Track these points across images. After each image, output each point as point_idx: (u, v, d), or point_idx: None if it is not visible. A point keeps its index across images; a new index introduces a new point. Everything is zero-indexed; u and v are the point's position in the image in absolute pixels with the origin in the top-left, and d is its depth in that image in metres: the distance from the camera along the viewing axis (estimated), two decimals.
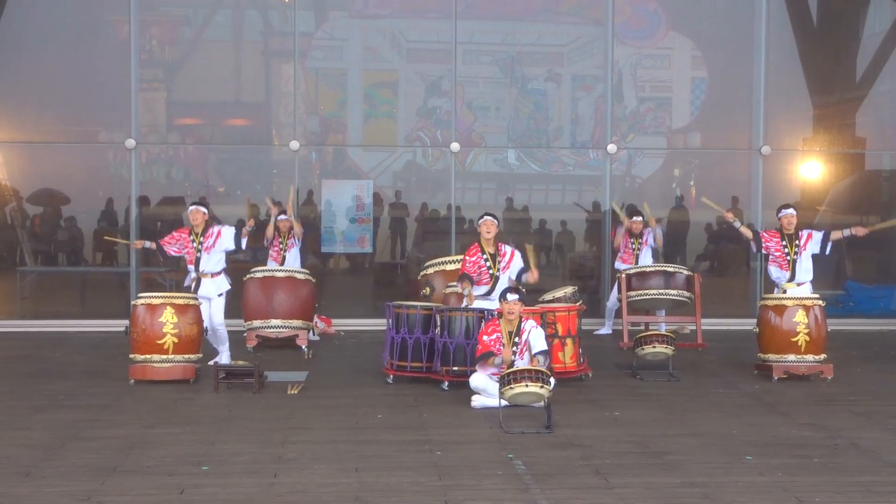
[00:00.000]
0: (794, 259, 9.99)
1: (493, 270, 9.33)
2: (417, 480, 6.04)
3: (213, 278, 9.88)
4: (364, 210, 14.35)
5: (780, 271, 10.09)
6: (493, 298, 9.25)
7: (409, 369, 9.17)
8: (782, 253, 10.04)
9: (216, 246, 9.86)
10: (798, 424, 7.69)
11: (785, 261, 10.03)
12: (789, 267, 10.01)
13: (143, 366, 9.07)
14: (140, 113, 13.98)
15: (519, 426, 7.42)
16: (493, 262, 9.35)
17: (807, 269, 10.07)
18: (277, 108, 15.32)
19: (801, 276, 10.03)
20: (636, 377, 9.55)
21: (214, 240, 9.85)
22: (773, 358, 9.52)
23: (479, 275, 9.35)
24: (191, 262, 9.89)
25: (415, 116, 15.12)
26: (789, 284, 10.01)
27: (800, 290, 9.97)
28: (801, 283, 10.03)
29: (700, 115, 15.67)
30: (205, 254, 9.84)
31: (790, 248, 10.01)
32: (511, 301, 8.24)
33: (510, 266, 9.39)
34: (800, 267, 10.01)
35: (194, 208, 10.02)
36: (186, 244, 9.92)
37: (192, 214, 9.96)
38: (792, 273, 10.01)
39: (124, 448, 6.76)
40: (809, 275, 10.09)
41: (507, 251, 9.45)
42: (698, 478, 6.16)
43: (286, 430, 7.31)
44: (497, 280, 9.33)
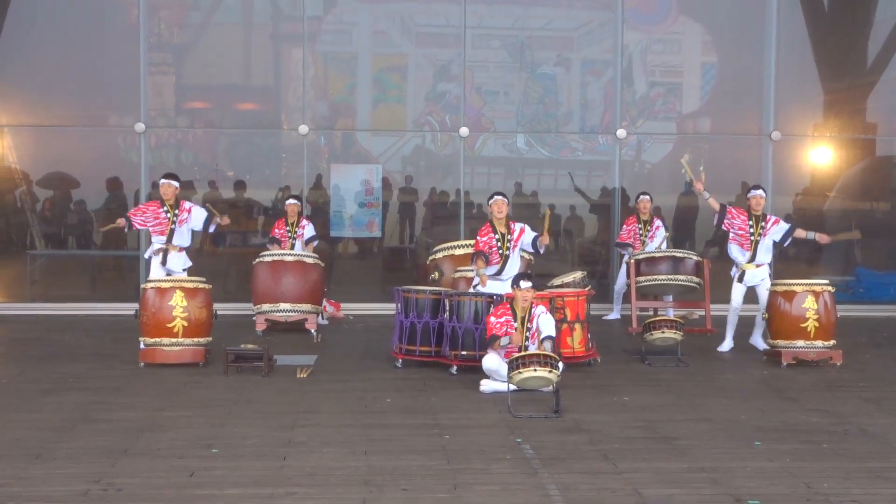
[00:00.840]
0: (757, 241, 10.15)
1: (503, 250, 9.44)
2: (426, 464, 6.06)
3: (180, 252, 10.25)
4: (373, 194, 14.34)
5: (740, 250, 10.28)
6: (504, 278, 9.34)
7: (417, 353, 9.18)
8: (746, 233, 10.18)
9: (189, 221, 10.22)
10: (807, 410, 7.68)
11: (748, 241, 10.19)
12: (751, 247, 10.19)
13: (152, 349, 9.09)
14: (149, 97, 13.98)
15: (527, 411, 7.43)
16: (504, 241, 9.44)
17: (766, 251, 10.24)
18: (286, 92, 15.30)
19: (761, 258, 10.22)
20: (645, 362, 9.55)
21: (187, 216, 10.20)
22: (782, 343, 9.52)
23: (490, 254, 9.44)
24: (162, 233, 10.16)
25: (424, 101, 15.08)
26: (749, 265, 10.21)
27: (758, 271, 10.19)
28: (760, 264, 10.22)
29: (710, 100, 15.61)
30: (178, 227, 10.18)
31: (755, 228, 10.16)
32: (525, 288, 8.25)
33: (518, 242, 9.51)
34: (761, 248, 10.19)
35: (166, 182, 10.25)
36: (157, 216, 10.18)
37: (164, 188, 10.21)
38: (753, 254, 10.19)
39: (134, 431, 6.79)
40: (768, 257, 10.29)
41: (517, 228, 9.63)
42: (706, 463, 6.16)
43: (295, 414, 7.33)
44: (507, 259, 9.46)
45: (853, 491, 5.65)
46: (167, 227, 10.10)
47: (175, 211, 10.15)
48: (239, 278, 13.72)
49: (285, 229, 11.98)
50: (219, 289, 10.79)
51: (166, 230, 10.11)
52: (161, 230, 10.16)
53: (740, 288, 10.28)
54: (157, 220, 10.17)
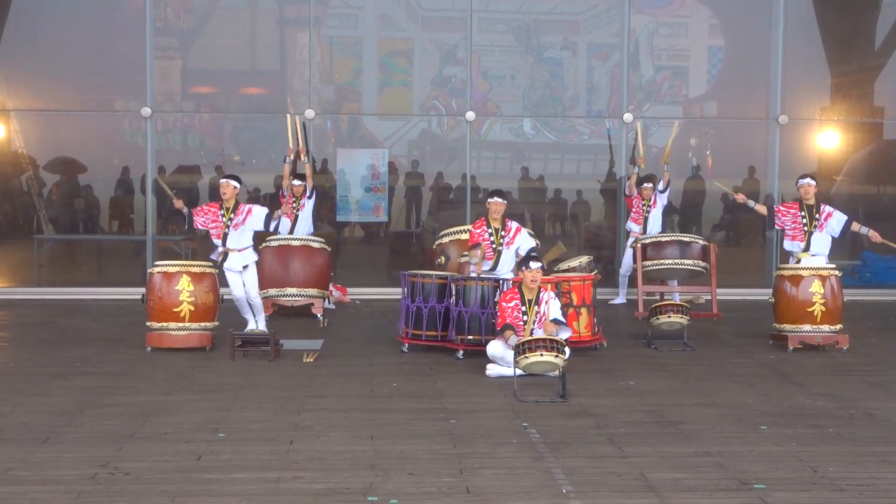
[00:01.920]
0: (811, 231, 9.90)
1: (496, 245, 9.48)
2: (432, 448, 6.06)
3: (241, 252, 9.61)
4: (379, 179, 14.33)
5: (793, 243, 10.01)
6: (498, 273, 9.39)
7: (423, 338, 9.18)
8: (799, 224, 9.93)
9: (245, 224, 9.56)
10: (813, 394, 7.67)
11: (801, 232, 9.92)
12: (805, 238, 9.92)
13: (159, 333, 9.11)
14: (155, 81, 13.97)
15: (533, 395, 7.43)
16: (497, 236, 9.51)
17: (824, 244, 9.95)
18: (292, 77, 15.28)
19: (816, 248, 9.94)
20: (651, 347, 9.54)
21: (244, 217, 9.55)
22: (788, 328, 9.50)
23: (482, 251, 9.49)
24: (218, 236, 9.58)
25: (430, 85, 15.05)
26: (804, 254, 9.94)
27: (815, 259, 9.89)
28: (816, 254, 9.94)
29: (717, 83, 15.55)
30: (233, 230, 9.52)
31: (808, 219, 9.90)
32: (534, 269, 8.23)
33: (514, 241, 9.54)
34: (815, 240, 9.91)
35: (225, 181, 9.64)
36: (216, 218, 9.58)
37: (224, 187, 9.58)
38: (807, 245, 9.92)
39: (141, 415, 6.80)
40: (826, 248, 9.98)
41: (513, 227, 9.64)
42: (713, 447, 6.15)
43: (302, 398, 7.34)
44: (500, 255, 9.51)
45: (859, 475, 5.64)
46: (222, 230, 9.56)
47: (231, 214, 9.55)
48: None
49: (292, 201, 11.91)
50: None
51: (221, 234, 9.56)
52: (217, 234, 9.60)
53: None
54: (214, 223, 9.62)
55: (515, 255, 9.54)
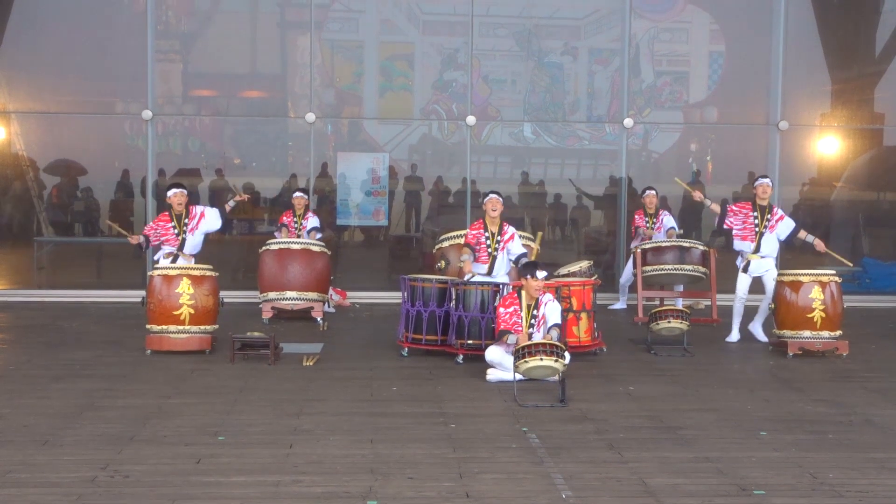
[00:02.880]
0: (762, 232, 10.05)
1: (491, 249, 9.45)
2: (432, 452, 6.06)
3: (190, 259, 10.07)
4: (379, 183, 14.33)
5: (743, 243, 10.19)
6: (494, 277, 9.38)
7: (423, 342, 9.18)
8: (751, 225, 10.09)
9: (199, 227, 10.08)
10: (813, 400, 7.68)
11: (752, 232, 10.12)
12: (755, 239, 10.09)
13: (159, 336, 9.11)
14: (156, 84, 13.98)
15: (533, 400, 7.43)
16: (493, 240, 9.50)
17: (773, 247, 10.17)
18: (293, 80, 15.29)
19: (766, 250, 10.13)
20: (651, 352, 9.55)
21: (198, 221, 10.07)
22: (788, 334, 9.50)
23: (478, 251, 9.46)
24: (175, 244, 10.05)
25: (430, 89, 15.06)
26: (754, 256, 10.12)
27: (763, 262, 10.10)
28: (765, 255, 10.14)
29: (717, 89, 15.56)
30: (190, 235, 10.05)
31: (760, 219, 10.08)
32: (540, 278, 8.23)
33: (507, 246, 9.57)
34: (766, 240, 10.10)
35: (177, 191, 10.14)
36: (166, 230, 10.07)
37: (177, 197, 10.09)
38: (757, 245, 10.10)
39: (141, 417, 6.80)
40: (774, 250, 10.21)
41: (509, 231, 9.65)
42: (712, 453, 6.16)
43: (301, 402, 7.34)
44: (495, 259, 9.49)
45: (859, 481, 5.64)
46: (177, 241, 10.06)
47: (185, 219, 10.08)
48: (245, 266, 13.73)
49: (293, 219, 11.98)
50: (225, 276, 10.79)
51: (177, 243, 10.07)
52: (174, 242, 10.10)
53: (745, 278, 10.24)
54: (166, 234, 10.12)
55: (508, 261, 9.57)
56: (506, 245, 9.61)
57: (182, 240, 10.00)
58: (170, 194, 10.22)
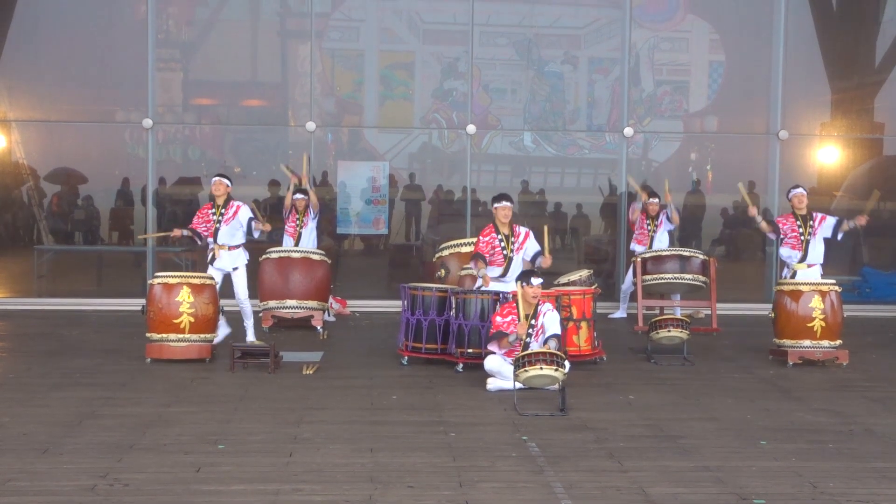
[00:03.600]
0: (808, 240, 10.07)
1: (507, 251, 9.34)
2: (431, 461, 6.06)
3: (231, 251, 9.95)
4: (379, 192, 14.35)
5: (791, 251, 10.18)
6: (508, 280, 9.25)
7: (423, 351, 9.18)
8: (797, 233, 10.12)
9: (235, 219, 9.92)
10: (813, 410, 7.68)
11: (798, 241, 10.12)
12: (802, 247, 10.11)
13: (159, 345, 9.11)
14: (157, 92, 14.00)
15: (533, 409, 7.43)
16: (508, 242, 9.36)
17: (819, 252, 10.14)
18: (293, 89, 15.32)
19: (813, 258, 10.11)
20: (651, 361, 9.55)
21: (234, 213, 9.92)
22: (788, 343, 9.50)
23: (492, 255, 9.35)
24: (210, 234, 9.94)
25: (431, 98, 15.09)
26: (800, 265, 10.10)
27: (810, 272, 10.03)
28: (812, 264, 10.11)
29: (717, 98, 15.59)
30: (224, 225, 9.91)
31: (804, 228, 10.10)
32: (535, 285, 8.22)
33: (524, 247, 9.40)
34: (812, 248, 10.09)
35: (217, 179, 10.05)
36: (207, 218, 9.98)
37: (216, 185, 9.99)
38: (804, 253, 10.10)
39: (141, 426, 6.80)
40: (821, 258, 10.16)
41: (522, 232, 9.46)
42: (712, 462, 6.16)
43: (301, 410, 7.34)
44: (511, 261, 9.33)
45: (859, 491, 5.64)
46: (212, 226, 9.92)
47: (221, 210, 9.94)
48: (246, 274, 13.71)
49: (295, 221, 11.95)
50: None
51: (212, 229, 9.92)
52: (209, 231, 9.95)
53: None
54: (206, 222, 9.98)
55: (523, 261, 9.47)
56: (523, 245, 9.39)
57: (216, 229, 9.89)
58: (213, 181, 10.09)
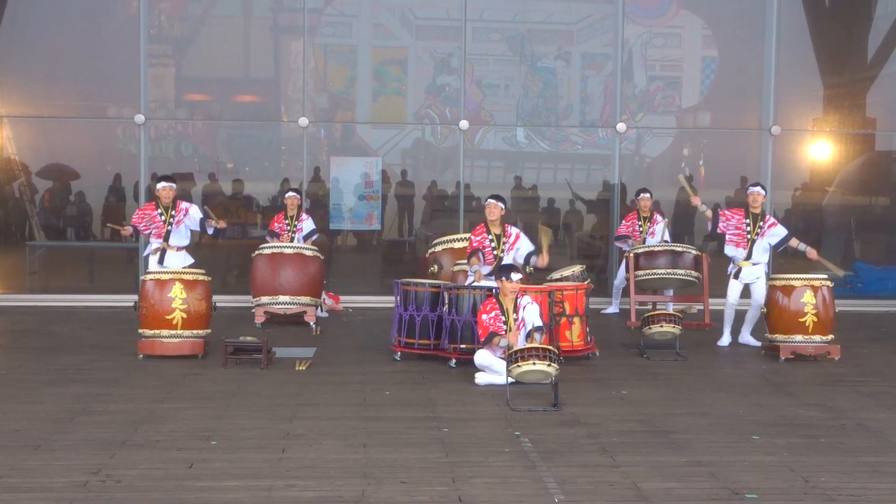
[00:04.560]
0: (754, 239, 10.10)
1: (497, 251, 9.42)
2: (425, 457, 6.07)
3: (178, 252, 10.42)
4: (372, 187, 14.33)
5: (735, 249, 10.23)
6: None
7: (416, 346, 9.19)
8: (743, 231, 10.14)
9: (185, 221, 10.40)
10: (805, 405, 7.70)
11: (744, 239, 10.16)
12: (747, 245, 10.14)
13: (151, 341, 9.10)
14: (149, 88, 13.96)
15: (526, 404, 7.43)
16: (498, 242, 9.45)
17: (763, 251, 10.20)
18: (286, 85, 15.28)
19: (757, 257, 10.17)
20: (643, 356, 9.56)
21: (184, 214, 10.40)
22: (780, 338, 9.52)
23: (483, 255, 9.43)
24: (159, 235, 10.37)
25: (424, 94, 15.06)
26: (745, 263, 10.16)
27: (754, 269, 10.14)
28: (757, 262, 10.18)
29: (710, 94, 15.59)
30: (175, 227, 10.37)
31: (753, 227, 10.12)
32: (515, 281, 8.28)
33: (514, 247, 9.50)
34: (757, 247, 10.14)
35: (164, 185, 10.44)
36: (154, 219, 10.38)
37: (162, 191, 10.41)
38: (749, 252, 10.14)
39: (133, 422, 6.79)
40: (765, 257, 10.25)
41: (513, 232, 9.57)
42: (705, 457, 6.17)
43: (294, 406, 7.34)
44: (500, 261, 9.42)
45: (850, 485, 5.66)
46: (163, 229, 10.38)
47: (171, 212, 10.40)
48: (238, 270, 13.71)
49: (285, 223, 11.97)
50: (218, 281, 10.79)
51: (163, 232, 10.39)
52: (158, 232, 10.44)
53: (736, 285, 10.26)
54: (154, 223, 10.43)
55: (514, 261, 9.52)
56: (513, 246, 9.53)
57: (167, 231, 10.35)
58: (159, 187, 10.56)
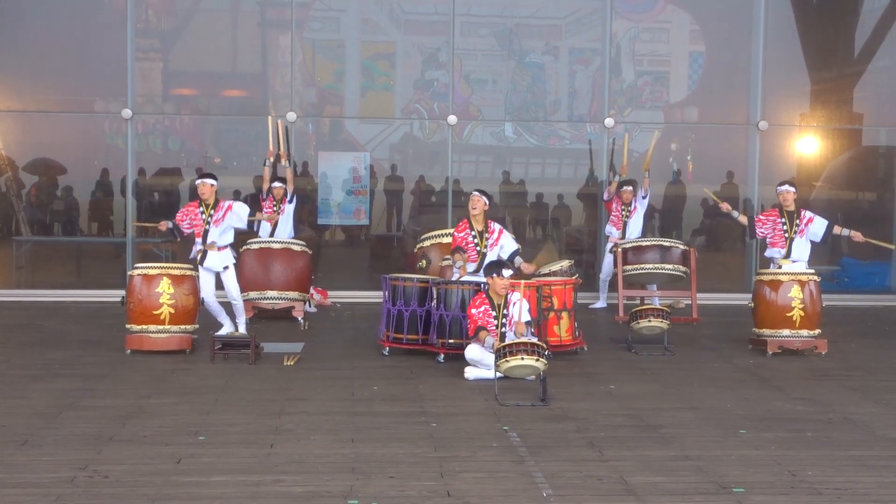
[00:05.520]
0: (792, 238, 9.99)
1: (480, 247, 9.35)
2: (413, 452, 6.06)
3: (220, 252, 9.63)
4: (360, 182, 14.32)
5: (773, 250, 10.10)
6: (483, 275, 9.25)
7: (405, 341, 9.18)
8: (780, 231, 10.02)
9: (225, 220, 9.60)
10: (792, 399, 7.72)
11: (782, 238, 10.01)
12: (786, 244, 10.01)
13: (139, 336, 9.07)
14: (136, 83, 13.91)
15: (514, 399, 7.44)
16: (481, 238, 9.39)
17: (804, 250, 10.05)
18: (274, 79, 15.25)
19: (797, 254, 10.04)
20: (631, 351, 9.57)
21: (224, 213, 9.60)
22: (767, 333, 9.54)
23: (466, 251, 9.39)
24: (199, 234, 9.60)
25: (412, 89, 15.06)
26: (785, 261, 10.03)
27: (796, 265, 9.99)
28: (797, 260, 10.04)
29: (698, 89, 15.63)
30: (213, 226, 9.56)
31: (789, 226, 9.99)
32: (506, 277, 8.27)
33: (498, 244, 9.43)
34: (797, 247, 10.00)
35: (202, 181, 9.72)
36: (195, 217, 9.64)
37: (201, 187, 9.67)
38: (788, 250, 10.01)
39: (121, 417, 6.77)
40: (806, 253, 10.09)
41: (496, 229, 9.47)
42: (692, 451, 6.18)
43: (282, 402, 7.33)
44: (484, 257, 9.35)
45: (837, 479, 5.68)
46: (202, 227, 9.59)
47: (211, 211, 9.61)
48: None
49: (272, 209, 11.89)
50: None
51: (202, 231, 9.59)
52: (198, 231, 9.63)
53: None
54: (194, 222, 9.65)
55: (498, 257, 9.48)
56: (497, 242, 9.42)
57: (205, 230, 9.55)
58: (198, 183, 9.75)
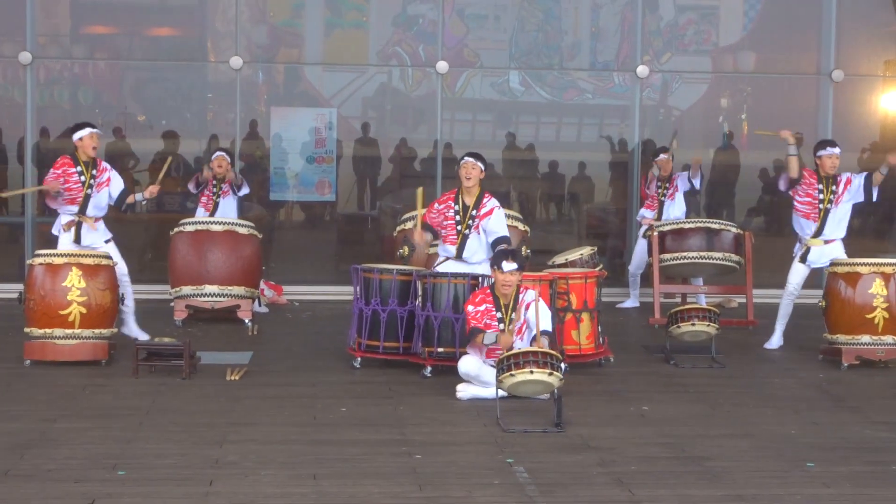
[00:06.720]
0: (827, 209, 10.06)
1: (461, 226, 9.22)
2: (391, 491, 6.08)
3: (97, 223, 9.80)
4: (324, 147, 14.33)
5: (804, 221, 10.18)
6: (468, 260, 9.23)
7: (381, 350, 9.20)
8: (814, 198, 10.09)
9: (107, 185, 9.77)
10: (873, 423, 7.76)
11: (815, 209, 10.11)
12: (819, 218, 10.11)
13: (41, 343, 9.08)
14: (38, 19, 13.89)
15: (521, 423, 7.47)
16: (465, 214, 9.25)
17: (841, 225, 10.15)
18: (214, 15, 15.23)
19: (831, 232, 10.12)
20: (670, 363, 9.62)
21: (107, 179, 9.77)
22: (842, 339, 9.59)
23: (443, 229, 9.28)
24: (74, 200, 9.68)
25: (391, 27, 15.04)
26: (814, 241, 10.15)
27: (827, 248, 10.09)
28: (830, 240, 10.14)
29: (755, 29, 15.65)
30: (95, 192, 9.70)
31: (826, 193, 10.04)
32: (507, 271, 8.18)
33: (483, 222, 9.22)
34: (832, 220, 10.10)
35: (91, 132, 9.74)
36: (69, 177, 9.63)
37: (89, 138, 9.68)
38: (821, 225, 10.10)
39: (18, 446, 6.78)
40: (843, 232, 10.18)
41: (488, 205, 9.27)
42: (747, 490, 6.22)
43: (224, 427, 7.35)
44: (465, 239, 9.25)
45: None
46: (81, 192, 9.63)
47: (92, 171, 9.65)
48: (153, 252, 13.69)
49: (212, 189, 11.94)
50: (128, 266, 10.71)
51: (79, 197, 9.64)
52: (72, 197, 9.65)
53: (801, 269, 10.24)
54: (67, 185, 9.62)
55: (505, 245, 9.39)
56: (482, 220, 9.24)
57: (86, 195, 9.63)
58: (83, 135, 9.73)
